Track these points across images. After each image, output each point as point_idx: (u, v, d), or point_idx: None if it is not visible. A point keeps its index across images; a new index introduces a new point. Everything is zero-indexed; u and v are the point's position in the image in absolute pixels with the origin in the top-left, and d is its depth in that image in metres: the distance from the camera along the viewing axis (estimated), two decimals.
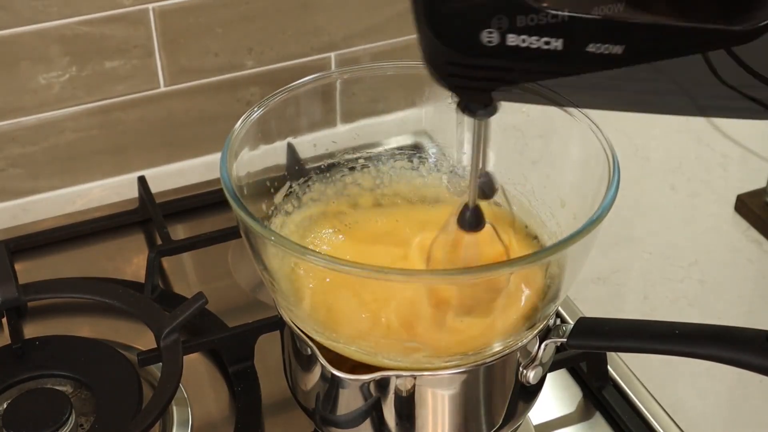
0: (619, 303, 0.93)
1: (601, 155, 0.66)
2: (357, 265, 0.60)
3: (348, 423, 0.68)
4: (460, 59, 0.52)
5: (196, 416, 0.80)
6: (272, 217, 0.72)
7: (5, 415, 0.74)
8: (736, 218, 1.02)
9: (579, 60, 0.51)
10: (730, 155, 1.10)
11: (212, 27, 1.02)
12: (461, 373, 0.65)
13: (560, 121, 0.69)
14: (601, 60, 0.51)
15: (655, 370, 0.83)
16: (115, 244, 0.99)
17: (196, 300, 0.80)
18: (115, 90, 1.02)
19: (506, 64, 0.52)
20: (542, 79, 0.54)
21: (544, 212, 0.72)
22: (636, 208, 1.04)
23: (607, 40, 0.51)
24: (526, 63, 0.52)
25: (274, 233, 0.61)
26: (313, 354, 0.65)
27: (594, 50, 0.51)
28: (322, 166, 0.75)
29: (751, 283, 0.96)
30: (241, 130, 0.68)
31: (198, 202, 1.02)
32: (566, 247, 0.60)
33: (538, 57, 0.51)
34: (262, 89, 1.08)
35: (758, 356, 0.62)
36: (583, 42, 0.51)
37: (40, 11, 0.95)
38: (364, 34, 1.09)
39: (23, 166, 1.03)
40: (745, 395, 0.84)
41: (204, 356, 0.85)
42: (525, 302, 0.66)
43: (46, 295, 0.86)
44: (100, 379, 0.79)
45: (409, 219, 0.74)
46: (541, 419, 0.80)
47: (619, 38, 0.51)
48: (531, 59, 0.51)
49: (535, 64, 0.52)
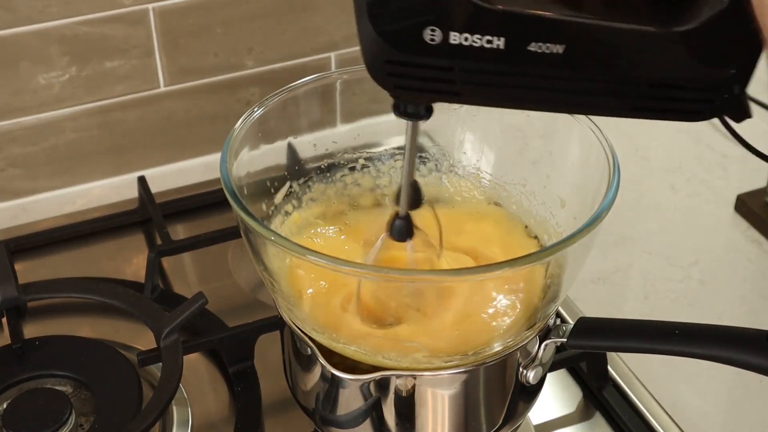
0: (619, 303, 0.93)
1: (601, 155, 0.66)
2: (357, 265, 0.60)
3: (348, 423, 0.68)
4: (401, 57, 0.52)
5: (196, 416, 0.80)
6: (272, 217, 0.72)
7: (5, 415, 0.74)
8: (736, 218, 1.02)
9: (521, 60, 0.52)
10: (730, 155, 1.10)
11: (212, 27, 1.02)
12: (461, 373, 0.65)
13: (560, 121, 0.69)
14: (544, 61, 0.51)
15: (655, 370, 0.83)
16: (115, 244, 0.99)
17: (196, 300, 0.80)
18: (115, 90, 1.02)
19: (448, 63, 0.52)
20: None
21: (544, 212, 0.72)
22: (636, 208, 1.04)
23: (548, 39, 0.51)
24: (468, 63, 0.52)
25: (274, 233, 0.61)
26: (313, 354, 0.65)
27: (536, 49, 0.51)
28: (322, 166, 0.75)
29: (751, 283, 0.96)
30: (241, 130, 0.68)
31: (198, 202, 1.02)
32: (566, 247, 0.61)
33: (480, 57, 0.51)
34: (262, 89, 1.08)
35: (758, 356, 0.62)
36: (524, 40, 0.51)
37: (40, 11, 0.95)
38: None
39: (23, 166, 1.03)
40: (745, 395, 0.84)
41: (204, 356, 0.85)
42: (525, 302, 0.66)
43: (46, 295, 0.86)
44: (100, 379, 0.79)
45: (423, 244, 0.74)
46: (541, 419, 0.80)
47: (559, 37, 0.51)
48: (473, 59, 0.51)
49: (476, 65, 0.52)
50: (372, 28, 0.52)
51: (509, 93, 0.54)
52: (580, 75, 0.53)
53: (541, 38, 0.51)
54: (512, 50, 0.51)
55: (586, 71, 0.53)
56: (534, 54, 0.51)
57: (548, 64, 0.52)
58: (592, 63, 0.52)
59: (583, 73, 0.53)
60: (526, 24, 0.51)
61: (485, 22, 0.51)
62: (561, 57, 0.51)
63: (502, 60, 0.51)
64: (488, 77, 0.53)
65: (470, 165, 0.76)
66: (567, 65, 0.52)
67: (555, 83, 0.53)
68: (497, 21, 0.51)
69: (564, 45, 0.51)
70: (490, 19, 0.50)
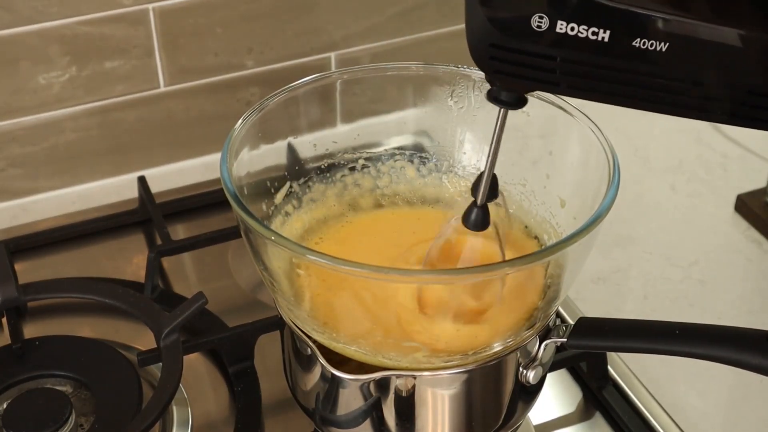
0: (619, 303, 0.93)
1: (601, 155, 0.66)
2: (357, 265, 0.60)
3: (348, 423, 0.68)
4: (506, 42, 0.53)
5: (196, 416, 0.80)
6: (272, 217, 0.72)
7: (5, 415, 0.74)
8: (736, 218, 1.02)
9: (624, 55, 0.52)
10: (730, 155, 1.10)
11: (212, 27, 1.02)
12: (461, 373, 0.65)
13: (560, 121, 0.69)
14: (646, 58, 0.52)
15: (655, 370, 0.83)
16: (115, 244, 0.99)
17: (196, 300, 0.80)
18: (114, 90, 1.02)
19: (552, 51, 0.53)
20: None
21: (544, 212, 0.72)
22: (636, 208, 1.04)
23: (652, 36, 0.52)
24: (571, 52, 0.53)
25: (274, 233, 0.61)
26: (313, 354, 0.65)
27: (639, 45, 0.52)
28: (322, 166, 0.75)
29: (751, 283, 0.96)
30: (241, 130, 0.68)
31: (198, 202, 1.02)
32: (566, 247, 0.60)
33: (583, 48, 0.52)
34: (262, 89, 1.08)
35: (758, 356, 0.62)
36: (629, 36, 0.52)
37: (40, 11, 0.95)
38: (364, 34, 1.09)
39: (23, 166, 1.03)
40: (745, 395, 0.84)
41: (204, 356, 0.85)
42: (525, 302, 0.66)
43: (46, 295, 0.86)
44: (100, 379, 0.79)
45: (409, 219, 0.74)
46: (541, 419, 0.80)
47: (663, 36, 0.52)
48: (576, 49, 0.52)
49: (579, 56, 0.53)
50: (481, 11, 0.53)
51: (608, 87, 0.55)
52: (680, 75, 0.53)
53: (645, 35, 0.52)
54: (616, 44, 0.52)
55: (687, 72, 0.53)
56: (637, 50, 0.52)
57: (650, 62, 0.52)
58: (694, 64, 0.53)
59: (683, 73, 0.53)
60: (633, 20, 0.52)
61: (593, 14, 0.52)
62: (663, 55, 0.52)
63: (605, 53, 0.52)
64: (589, 69, 0.54)
65: (470, 165, 0.76)
66: (669, 64, 0.52)
67: (654, 81, 0.54)
68: (604, 14, 0.51)
69: (668, 43, 0.52)
70: (597, 11, 0.51)
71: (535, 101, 0.70)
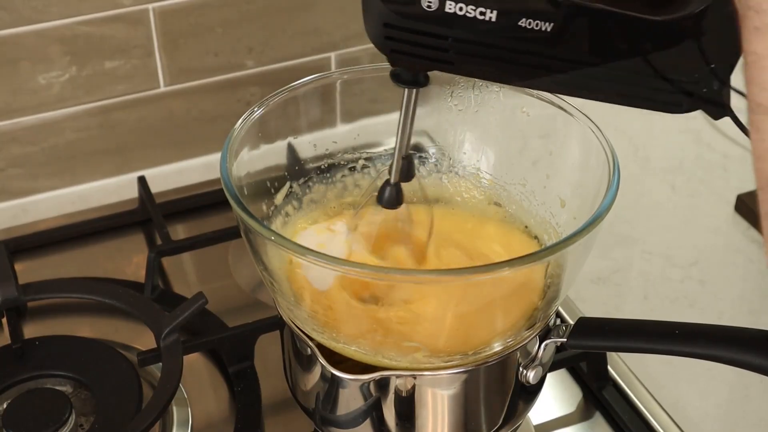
0: (619, 303, 0.93)
1: (601, 155, 0.66)
2: (357, 265, 0.60)
3: (348, 423, 0.68)
4: (399, 21, 0.54)
5: (196, 416, 0.80)
6: (272, 217, 0.72)
7: (5, 415, 0.74)
8: (736, 218, 1.02)
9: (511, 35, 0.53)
10: (730, 155, 1.10)
11: (212, 27, 1.02)
12: (461, 373, 0.65)
13: (560, 121, 0.69)
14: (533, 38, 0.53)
15: (655, 370, 0.83)
16: (115, 244, 0.99)
17: (196, 300, 0.80)
18: (115, 90, 1.02)
19: (443, 31, 0.54)
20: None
21: (544, 212, 0.72)
22: (636, 208, 1.04)
23: (538, 16, 0.53)
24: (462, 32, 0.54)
25: (274, 233, 0.61)
26: (313, 354, 0.65)
27: (525, 25, 0.53)
28: (322, 166, 0.75)
29: (751, 283, 0.96)
30: (241, 130, 0.68)
31: (198, 202, 1.02)
32: (566, 247, 0.61)
33: (472, 27, 0.53)
34: (262, 89, 1.08)
35: (758, 356, 0.62)
36: (514, 16, 0.53)
37: (40, 11, 0.95)
38: (364, 34, 1.08)
39: (23, 166, 1.03)
40: (745, 395, 0.84)
41: (204, 356, 0.85)
42: (525, 302, 0.66)
43: (46, 295, 0.86)
44: (100, 379, 0.79)
45: (409, 219, 0.74)
46: (541, 419, 0.80)
47: (549, 16, 0.53)
48: (466, 29, 0.53)
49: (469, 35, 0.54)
50: None
51: (499, 66, 0.56)
52: (566, 55, 0.55)
53: (531, 15, 0.53)
54: (503, 24, 0.53)
55: (573, 52, 0.55)
56: (524, 30, 0.53)
57: (537, 42, 0.54)
58: (579, 45, 0.54)
59: (569, 54, 0.55)
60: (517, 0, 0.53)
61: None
62: (549, 35, 0.53)
63: (494, 33, 0.54)
64: (480, 49, 0.55)
65: (470, 165, 0.76)
66: (555, 44, 0.54)
67: (542, 61, 0.55)
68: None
69: (552, 23, 0.53)
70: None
71: (535, 101, 0.70)
